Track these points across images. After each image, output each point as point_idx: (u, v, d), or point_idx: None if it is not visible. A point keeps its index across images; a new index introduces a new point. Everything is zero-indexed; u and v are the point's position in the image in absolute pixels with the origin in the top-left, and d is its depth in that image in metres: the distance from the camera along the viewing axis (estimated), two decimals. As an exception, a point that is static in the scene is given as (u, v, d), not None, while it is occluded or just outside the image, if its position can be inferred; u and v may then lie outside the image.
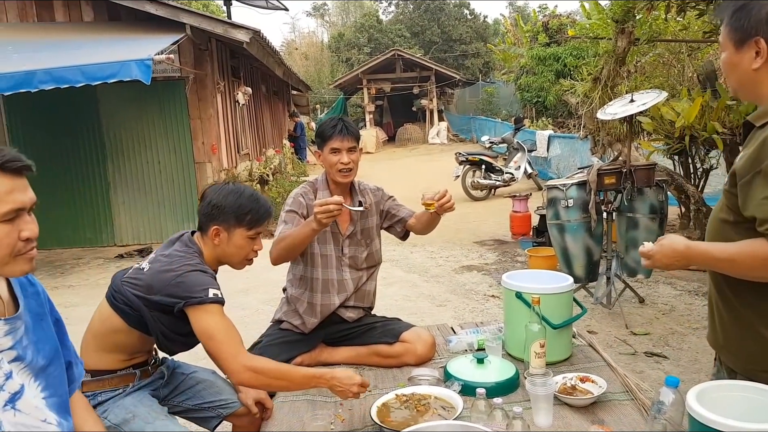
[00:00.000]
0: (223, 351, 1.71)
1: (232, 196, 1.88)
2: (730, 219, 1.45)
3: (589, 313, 4.01)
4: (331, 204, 1.96)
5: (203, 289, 1.75)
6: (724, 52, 1.45)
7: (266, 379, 1.75)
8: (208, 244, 1.90)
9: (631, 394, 1.89)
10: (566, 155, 10.18)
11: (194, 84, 7.47)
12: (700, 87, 4.20)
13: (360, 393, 1.82)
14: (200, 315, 1.74)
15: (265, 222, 1.93)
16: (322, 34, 36.45)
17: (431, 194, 2.15)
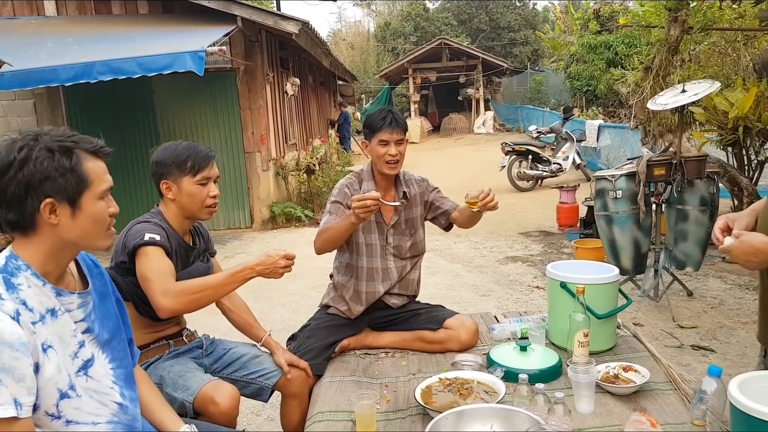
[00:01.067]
0: (152, 289, 1.76)
1: (169, 150, 1.95)
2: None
3: (636, 305, 3.97)
4: (368, 200, 2.01)
5: (140, 235, 1.83)
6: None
7: (192, 295, 1.76)
8: (167, 202, 1.97)
9: (674, 384, 1.90)
10: (616, 146, 9.94)
11: (244, 75, 7.68)
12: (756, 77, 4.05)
13: (288, 265, 1.86)
14: (139, 260, 1.82)
15: (208, 166, 1.96)
16: (369, 24, 36.48)
17: (475, 193, 2.18)
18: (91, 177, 1.29)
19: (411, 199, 2.45)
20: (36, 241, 1.28)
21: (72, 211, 1.27)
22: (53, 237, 1.28)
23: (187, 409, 1.84)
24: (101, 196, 1.31)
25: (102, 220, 1.32)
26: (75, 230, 1.29)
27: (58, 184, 1.25)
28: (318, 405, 1.98)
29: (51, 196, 1.25)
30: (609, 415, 1.75)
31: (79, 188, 1.27)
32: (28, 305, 1.23)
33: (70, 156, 1.27)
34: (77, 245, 1.33)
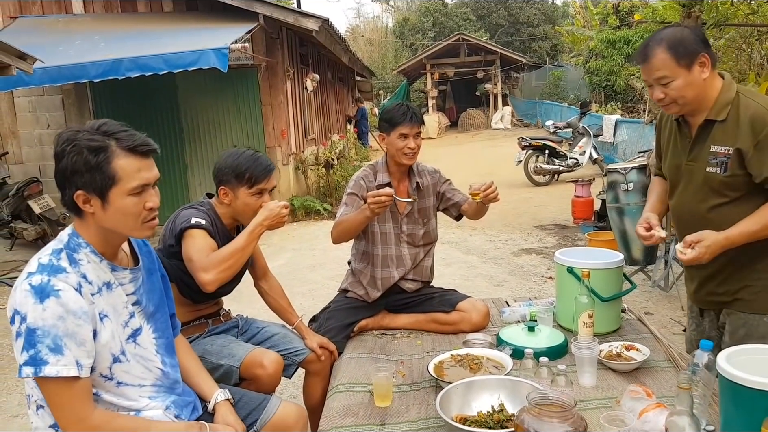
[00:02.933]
0: (194, 268, 1.87)
1: (231, 158, 2.05)
2: (729, 199, 1.78)
3: (646, 295, 4.06)
4: (383, 196, 2.15)
5: (187, 219, 1.96)
6: (676, 80, 1.74)
7: (226, 262, 1.89)
8: (222, 204, 2.10)
9: (674, 362, 2.01)
10: (633, 140, 9.93)
11: (266, 71, 7.86)
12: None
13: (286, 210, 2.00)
14: (184, 243, 1.94)
15: (265, 179, 2.05)
16: (387, 20, 36.54)
17: (478, 185, 2.32)
18: (120, 174, 1.36)
19: (423, 190, 2.58)
20: (86, 223, 1.42)
21: (102, 204, 1.38)
22: (95, 223, 1.41)
23: (233, 374, 2.00)
24: (132, 192, 1.38)
25: (132, 214, 1.39)
26: (108, 220, 1.40)
27: (85, 179, 1.35)
28: (338, 378, 2.11)
29: (81, 188, 1.36)
30: (610, 389, 1.87)
31: (105, 184, 1.36)
32: (87, 278, 1.40)
33: (99, 154, 1.35)
34: (116, 233, 1.44)
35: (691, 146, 1.86)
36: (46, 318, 1.29)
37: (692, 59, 1.72)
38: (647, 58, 1.76)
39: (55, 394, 1.33)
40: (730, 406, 1.44)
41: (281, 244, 6.69)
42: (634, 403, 1.63)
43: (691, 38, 1.73)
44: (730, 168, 1.76)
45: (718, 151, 1.77)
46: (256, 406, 1.77)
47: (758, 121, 1.70)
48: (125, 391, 1.48)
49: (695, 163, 1.85)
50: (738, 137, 1.73)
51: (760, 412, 1.29)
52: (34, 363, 1.29)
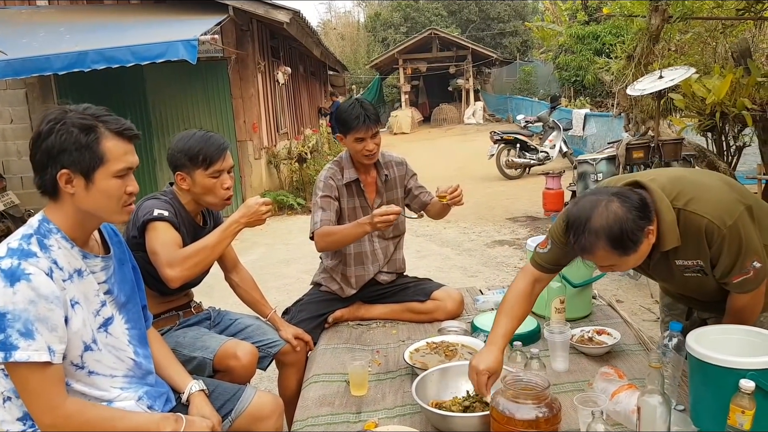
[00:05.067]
0: (159, 262, 1.82)
1: (182, 141, 1.98)
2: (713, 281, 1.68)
3: (616, 283, 4.14)
4: (392, 215, 2.13)
5: (149, 210, 1.90)
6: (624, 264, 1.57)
7: (193, 259, 1.84)
8: (182, 190, 2.03)
9: (644, 346, 2.05)
10: (602, 134, 10.11)
11: (236, 64, 7.75)
12: (735, 64, 4.22)
13: (269, 210, 1.96)
14: (148, 235, 1.89)
15: (220, 159, 1.98)
16: (359, 14, 36.40)
17: (445, 188, 2.34)
18: (108, 156, 1.37)
19: (391, 182, 2.56)
20: (61, 207, 1.40)
21: (86, 184, 1.37)
22: (73, 205, 1.39)
23: (206, 366, 1.97)
24: (117, 174, 1.39)
25: (115, 196, 1.40)
26: (89, 202, 1.38)
27: (73, 157, 1.34)
28: (314, 369, 2.11)
29: (67, 167, 1.35)
30: (582, 372, 1.90)
31: (92, 164, 1.36)
32: (58, 264, 1.36)
33: (89, 133, 1.36)
34: (94, 216, 1.43)
35: (653, 265, 1.71)
36: (17, 302, 1.26)
37: (639, 244, 1.51)
38: (587, 254, 1.55)
39: (27, 381, 1.29)
40: (699, 385, 1.48)
41: (254, 240, 6.62)
42: (606, 385, 1.66)
43: (632, 225, 1.48)
44: (708, 271, 1.66)
45: (687, 264, 1.66)
46: (230, 397, 1.75)
47: (709, 235, 1.57)
48: (96, 380, 1.44)
49: (666, 272, 1.74)
50: (699, 251, 1.61)
51: (728, 389, 1.33)
52: (4, 348, 1.26)
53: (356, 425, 1.70)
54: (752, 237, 1.58)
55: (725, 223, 1.54)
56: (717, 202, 1.58)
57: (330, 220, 2.38)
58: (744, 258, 1.56)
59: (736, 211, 1.57)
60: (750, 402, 1.30)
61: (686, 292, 1.88)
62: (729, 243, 1.55)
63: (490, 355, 1.64)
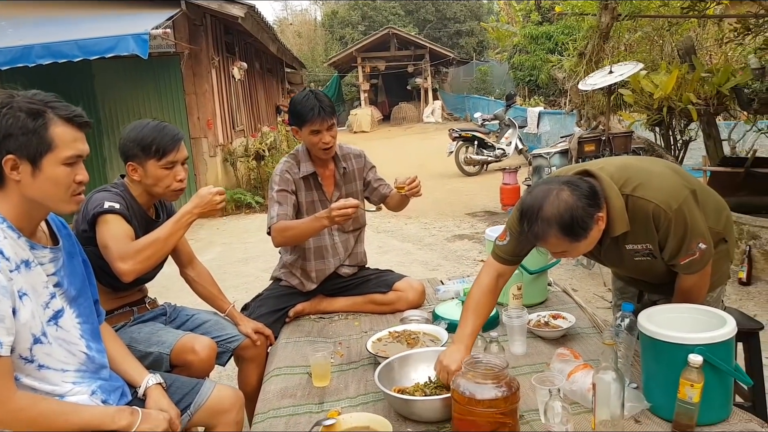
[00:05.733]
0: (110, 256, 1.77)
1: (135, 131, 1.93)
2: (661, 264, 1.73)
3: (570, 272, 4.26)
4: (350, 208, 2.09)
5: (100, 203, 1.85)
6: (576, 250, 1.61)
7: (145, 251, 1.79)
8: (133, 182, 1.97)
9: (598, 328, 2.12)
10: (556, 131, 10.37)
11: (189, 59, 7.58)
12: (680, 61, 4.40)
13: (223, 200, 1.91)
14: (98, 229, 1.84)
15: (174, 150, 1.92)
16: (315, 12, 36.19)
17: (403, 179, 2.35)
18: (56, 142, 1.33)
19: (350, 174, 2.54)
20: (7, 195, 1.34)
21: (32, 171, 1.32)
22: (19, 193, 1.34)
23: (163, 361, 1.91)
24: (66, 162, 1.35)
25: (63, 185, 1.36)
26: (35, 189, 1.34)
27: (19, 142, 1.30)
28: (275, 362, 2.08)
29: (12, 152, 1.30)
30: (539, 355, 1.95)
31: (39, 150, 1.31)
32: (5, 254, 1.30)
33: (37, 119, 1.32)
34: (41, 205, 1.38)
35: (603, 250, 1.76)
36: None
37: (589, 230, 1.56)
38: (540, 241, 1.59)
39: None
40: (650, 362, 1.53)
41: (210, 239, 6.49)
42: (562, 366, 1.71)
43: (582, 213, 1.53)
44: (658, 256, 1.71)
45: (637, 248, 1.71)
46: (189, 390, 1.71)
47: (656, 218, 1.62)
48: (47, 375, 1.39)
49: (616, 257, 1.79)
50: (647, 234, 1.66)
51: (678, 365, 1.39)
52: None
53: (319, 415, 1.69)
54: (697, 220, 1.64)
55: (671, 206, 1.60)
56: (663, 187, 1.64)
57: (287, 215, 2.33)
58: (690, 240, 1.62)
59: (681, 195, 1.63)
60: (698, 375, 1.35)
61: (637, 276, 1.95)
62: (675, 226, 1.61)
63: (458, 354, 1.67)
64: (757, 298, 3.68)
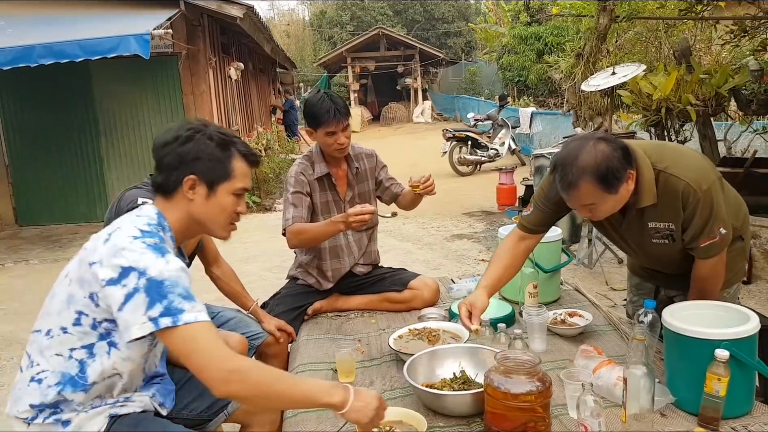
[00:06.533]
0: None
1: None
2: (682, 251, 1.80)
3: (572, 272, 4.32)
4: (367, 214, 2.15)
5: (133, 199, 1.88)
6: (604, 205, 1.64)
7: None
8: None
9: (614, 326, 2.17)
10: (548, 131, 10.48)
11: (187, 60, 7.55)
12: (676, 62, 4.48)
13: None
14: None
15: None
16: (303, 12, 36.09)
17: (418, 177, 2.40)
18: (234, 173, 1.47)
19: (362, 174, 2.58)
20: (174, 207, 1.46)
21: (207, 194, 1.45)
22: (185, 210, 1.46)
23: None
24: (235, 192, 1.48)
25: (228, 212, 1.49)
26: (204, 211, 1.46)
27: (205, 166, 1.43)
28: (298, 359, 2.11)
29: (196, 174, 1.43)
30: (560, 352, 1.99)
31: (220, 177, 1.45)
32: None
33: (225, 149, 1.45)
34: (202, 225, 1.49)
35: (625, 223, 1.82)
36: (171, 270, 1.30)
37: (621, 183, 1.61)
38: (572, 189, 1.61)
39: (196, 341, 1.26)
40: (676, 357, 1.58)
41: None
42: (587, 362, 1.75)
43: (617, 164, 1.58)
44: (677, 238, 1.76)
45: (659, 227, 1.75)
46: None
47: (685, 197, 1.67)
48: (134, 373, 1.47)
49: (636, 236, 1.83)
50: (674, 213, 1.71)
51: (704, 360, 1.44)
52: (170, 313, 1.26)
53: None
54: (722, 205, 1.71)
55: (701, 186, 1.65)
56: (694, 168, 1.69)
57: (302, 217, 2.37)
58: (714, 222, 1.68)
59: (710, 178, 1.69)
60: (725, 370, 1.40)
61: (650, 264, 1.99)
62: (702, 207, 1.66)
63: (478, 295, 1.89)
64: (758, 297, 3.77)
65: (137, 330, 1.25)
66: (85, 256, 1.35)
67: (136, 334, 1.25)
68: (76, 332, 1.35)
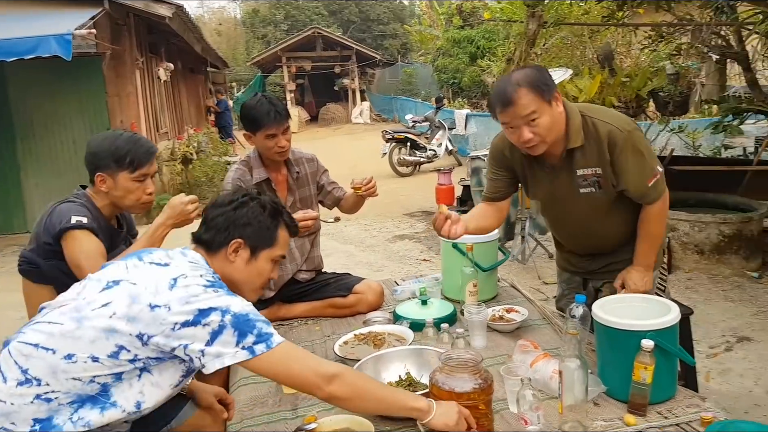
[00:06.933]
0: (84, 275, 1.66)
1: (108, 141, 1.91)
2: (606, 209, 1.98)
3: (508, 268, 4.46)
4: (310, 220, 2.16)
5: (66, 217, 1.81)
6: (543, 117, 1.77)
7: None
8: (99, 193, 1.93)
9: (547, 320, 2.27)
10: (482, 133, 10.74)
11: (111, 60, 7.23)
12: (599, 66, 4.72)
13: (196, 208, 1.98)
14: (67, 245, 1.80)
15: (148, 163, 1.93)
16: (235, 10, 35.32)
17: (359, 180, 2.43)
18: (278, 241, 1.56)
19: (303, 179, 2.57)
20: (214, 262, 1.51)
21: (249, 258, 1.52)
22: (222, 269, 1.50)
23: None
24: (275, 258, 1.57)
25: (264, 277, 1.57)
26: (242, 273, 1.52)
27: (254, 233, 1.51)
28: (240, 372, 2.03)
29: (243, 239, 1.50)
30: (498, 348, 2.05)
31: (265, 243, 1.53)
32: None
33: (275, 219, 1.55)
34: (235, 286, 1.50)
35: (555, 175, 1.95)
36: (245, 304, 1.38)
37: (551, 94, 1.79)
38: (512, 100, 1.75)
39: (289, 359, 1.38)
40: (606, 348, 1.67)
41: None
42: (524, 356, 1.82)
43: (546, 75, 1.82)
44: (604, 185, 1.89)
45: (586, 173, 1.89)
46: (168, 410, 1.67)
47: (613, 138, 1.81)
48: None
49: (565, 188, 1.96)
50: (601, 158, 1.84)
51: (632, 350, 1.53)
52: (262, 340, 1.35)
53: (295, 421, 1.70)
54: (648, 146, 1.92)
55: (626, 128, 1.83)
56: (618, 116, 1.92)
57: None
58: (649, 158, 1.87)
59: (633, 124, 1.89)
60: (651, 359, 1.50)
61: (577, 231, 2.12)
62: (633, 145, 1.83)
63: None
64: (677, 286, 4.04)
65: (230, 359, 1.33)
66: (139, 294, 1.35)
67: (228, 362, 1.34)
68: (109, 363, 1.34)
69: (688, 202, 4.56)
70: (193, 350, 1.33)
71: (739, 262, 4.28)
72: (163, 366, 1.40)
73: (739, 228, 4.23)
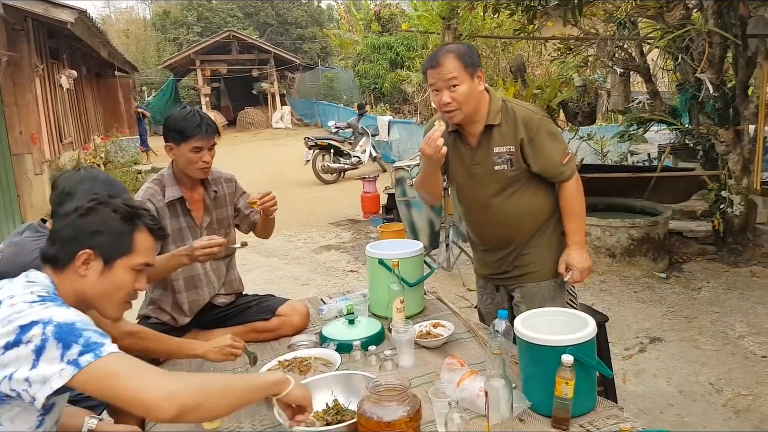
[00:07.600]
0: None
1: (86, 183, 1.83)
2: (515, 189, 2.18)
3: (433, 276, 4.49)
4: (215, 247, 2.05)
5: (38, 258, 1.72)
6: (462, 85, 2.01)
7: None
8: None
9: (473, 333, 2.30)
10: (405, 139, 10.88)
11: (8, 67, 6.68)
12: (513, 77, 4.90)
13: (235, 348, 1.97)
14: None
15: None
16: (144, 11, 33.79)
17: (256, 195, 2.36)
18: (136, 247, 1.39)
19: (220, 199, 2.46)
20: (64, 282, 1.34)
21: (102, 270, 1.35)
22: (75, 286, 1.35)
23: None
24: (135, 267, 1.40)
25: (124, 289, 1.40)
26: (96, 287, 1.36)
27: (105, 240, 1.35)
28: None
29: (93, 248, 1.34)
30: (426, 366, 2.05)
31: (120, 251, 1.37)
32: None
33: (130, 222, 1.39)
34: (90, 305, 1.37)
35: (475, 152, 2.17)
36: (74, 314, 1.22)
37: (474, 69, 2.04)
38: (439, 63, 2.01)
39: (121, 369, 1.18)
40: (529, 364, 1.71)
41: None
42: (451, 375, 1.83)
43: (474, 52, 2.09)
44: (515, 163, 2.12)
45: (501, 151, 2.11)
46: None
47: (529, 122, 2.09)
48: None
49: (481, 165, 2.16)
50: (515, 137, 2.08)
51: (553, 365, 1.57)
52: (90, 348, 1.17)
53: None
54: (559, 132, 2.20)
55: (540, 113, 2.14)
56: (533, 105, 2.24)
57: None
58: (562, 141, 2.14)
59: (545, 112, 2.20)
60: (571, 373, 1.55)
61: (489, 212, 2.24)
62: (547, 128, 2.10)
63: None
64: (592, 288, 4.25)
65: (57, 380, 1.14)
66: None
67: (56, 384, 1.14)
68: None
69: (599, 207, 4.82)
70: (18, 380, 1.15)
71: (648, 263, 4.57)
72: (9, 412, 1.21)
73: (646, 231, 4.51)
